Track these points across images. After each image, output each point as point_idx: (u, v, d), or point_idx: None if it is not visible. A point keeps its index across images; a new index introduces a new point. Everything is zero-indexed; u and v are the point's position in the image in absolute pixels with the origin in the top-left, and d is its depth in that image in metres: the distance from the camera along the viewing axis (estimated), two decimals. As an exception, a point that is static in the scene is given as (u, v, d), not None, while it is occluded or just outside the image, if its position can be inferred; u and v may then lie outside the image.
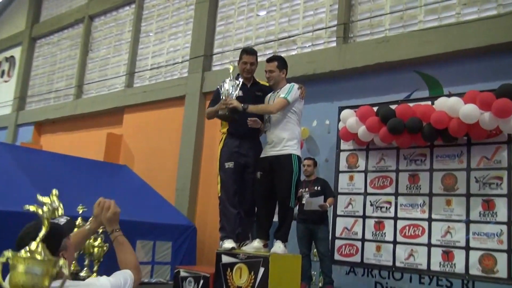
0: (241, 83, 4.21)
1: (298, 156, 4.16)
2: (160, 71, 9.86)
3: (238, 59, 4.48)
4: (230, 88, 4.13)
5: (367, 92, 6.63)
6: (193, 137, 8.39)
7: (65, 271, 1.63)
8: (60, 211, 1.71)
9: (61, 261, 1.64)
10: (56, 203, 1.70)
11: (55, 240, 1.75)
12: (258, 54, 8.07)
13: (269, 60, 4.35)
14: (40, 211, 1.66)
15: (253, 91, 4.33)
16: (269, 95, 4.39)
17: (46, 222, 1.66)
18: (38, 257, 1.60)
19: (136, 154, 9.57)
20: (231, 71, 4.24)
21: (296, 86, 4.23)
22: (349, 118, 6.07)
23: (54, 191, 1.74)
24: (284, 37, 7.87)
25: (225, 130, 4.39)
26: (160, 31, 10.12)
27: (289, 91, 4.16)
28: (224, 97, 4.15)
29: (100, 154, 9.48)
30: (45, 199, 1.70)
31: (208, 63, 8.78)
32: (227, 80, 4.19)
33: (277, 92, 4.28)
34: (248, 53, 4.37)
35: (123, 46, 10.86)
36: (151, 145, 9.26)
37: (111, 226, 2.11)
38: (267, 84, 4.49)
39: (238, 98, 4.19)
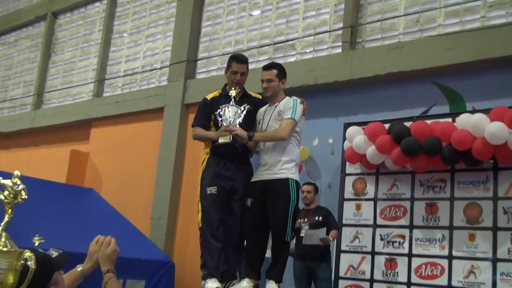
0: (246, 109, 4.31)
1: (296, 181, 4.18)
2: (135, 79, 9.88)
3: (226, 66, 4.53)
4: (234, 115, 4.24)
5: (377, 107, 6.69)
6: (172, 156, 8.39)
7: (31, 265, 1.62)
8: (24, 195, 1.71)
9: (27, 253, 1.62)
10: (20, 185, 1.70)
11: (45, 273, 1.74)
12: (251, 61, 8.17)
13: (267, 68, 4.39)
14: (0, 196, 1.66)
15: (243, 105, 4.36)
16: (263, 109, 4.43)
17: (8, 209, 1.65)
18: (1, 248, 1.57)
19: (104, 176, 9.53)
20: (233, 95, 4.30)
21: (298, 101, 4.28)
22: (356, 137, 6.11)
23: (16, 172, 1.74)
24: (281, 41, 7.94)
25: (208, 149, 4.43)
26: (136, 31, 10.17)
27: (295, 109, 4.21)
28: (224, 124, 4.24)
29: (62, 175, 9.42)
30: (6, 182, 1.69)
31: (191, 70, 8.82)
32: (229, 106, 4.26)
33: (275, 106, 4.32)
34: (238, 61, 4.42)
35: (92, 48, 10.89)
36: (123, 165, 9.24)
37: (107, 265, 2.17)
38: (259, 97, 4.55)
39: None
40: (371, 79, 6.79)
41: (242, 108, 4.29)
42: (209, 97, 4.50)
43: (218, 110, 4.29)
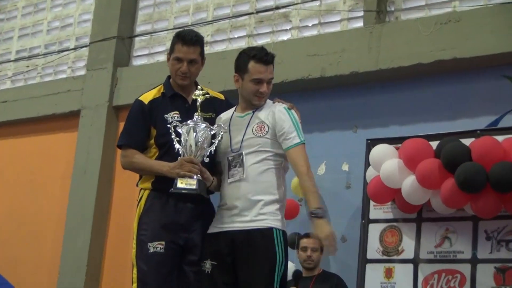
0: (221, 135, 4.25)
1: (283, 231, 4.20)
2: (34, 65, 9.89)
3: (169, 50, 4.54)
4: (203, 140, 4.19)
5: (418, 114, 6.75)
6: (92, 192, 8.37)
7: None
8: None
9: None
10: None
11: None
12: (220, 38, 8.10)
13: (270, 61, 4.35)
14: None
15: (218, 125, 4.36)
16: (226, 116, 4.46)
17: None
18: None
19: (-18, 220, 9.44)
20: (199, 101, 4.26)
21: (287, 106, 4.36)
22: (386, 162, 6.13)
23: None
24: (268, 8, 7.98)
25: (148, 184, 4.40)
26: (37, -10, 10.19)
27: (296, 124, 4.28)
28: (185, 154, 4.20)
29: None
30: None
31: (124, 52, 8.88)
32: (190, 123, 4.20)
33: (251, 114, 4.35)
34: (185, 41, 4.40)
35: (-34, 15, 10.84)
36: (13, 203, 9.20)
37: None
38: (220, 97, 4.62)
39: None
40: (410, 70, 6.82)
41: (216, 128, 4.26)
42: (146, 99, 4.46)
43: (173, 124, 4.24)
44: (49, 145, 9.16)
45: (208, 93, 4.41)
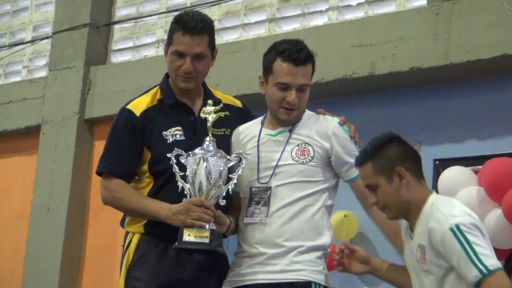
0: (242, 167, 4.19)
1: (325, 288, 4.23)
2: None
3: (166, 40, 4.54)
4: (217, 176, 4.13)
5: (505, 124, 6.77)
6: (59, 233, 8.39)
7: None
8: None
9: None
10: None
11: None
12: (230, 25, 8.19)
13: (303, 60, 4.37)
14: None
15: (238, 153, 4.32)
16: (248, 133, 4.47)
17: None
18: None
19: None
20: (210, 121, 4.20)
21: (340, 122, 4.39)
22: (462, 190, 6.17)
23: None
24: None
25: (138, 227, 4.38)
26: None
27: (356, 145, 4.33)
28: (192, 194, 4.15)
29: None
30: None
31: (99, 46, 8.98)
32: (199, 152, 4.14)
33: (288, 131, 4.37)
34: (187, 29, 4.38)
35: None
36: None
37: None
38: (237, 104, 4.65)
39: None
40: (491, 64, 6.80)
41: (234, 158, 4.22)
42: (137, 108, 4.44)
43: (174, 152, 4.17)
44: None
45: (223, 108, 4.32)
